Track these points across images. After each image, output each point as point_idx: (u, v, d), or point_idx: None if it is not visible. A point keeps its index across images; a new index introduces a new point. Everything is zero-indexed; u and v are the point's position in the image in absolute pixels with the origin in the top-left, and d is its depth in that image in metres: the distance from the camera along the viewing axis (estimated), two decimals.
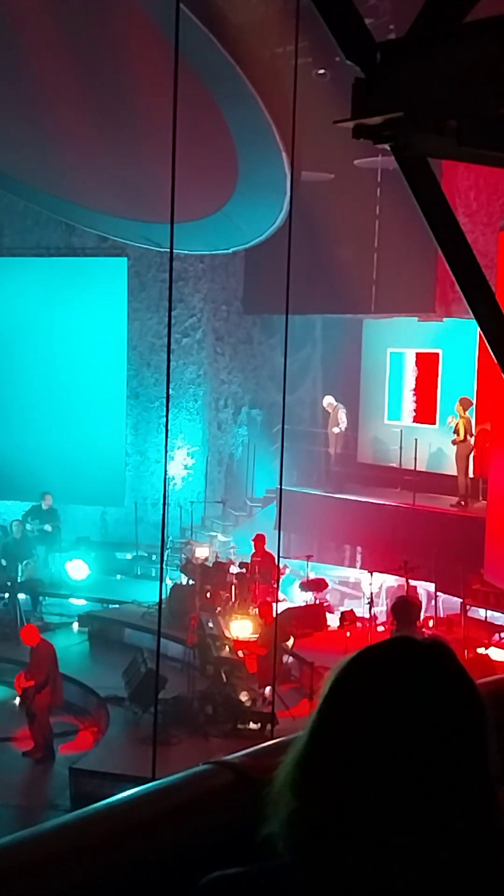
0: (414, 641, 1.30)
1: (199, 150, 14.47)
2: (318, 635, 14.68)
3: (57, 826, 1.52)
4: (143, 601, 16.10)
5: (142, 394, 20.35)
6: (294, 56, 11.54)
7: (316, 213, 15.96)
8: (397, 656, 1.28)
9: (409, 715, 1.23)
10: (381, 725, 1.23)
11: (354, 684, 1.27)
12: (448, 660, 1.28)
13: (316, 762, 1.27)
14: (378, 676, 1.26)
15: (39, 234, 20.60)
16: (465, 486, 16.38)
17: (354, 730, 1.24)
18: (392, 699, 1.24)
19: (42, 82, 15.19)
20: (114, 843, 1.51)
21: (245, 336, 20.81)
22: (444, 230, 2.87)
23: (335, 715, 1.27)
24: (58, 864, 1.45)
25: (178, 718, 12.01)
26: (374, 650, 1.30)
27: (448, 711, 1.24)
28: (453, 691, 1.26)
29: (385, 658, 1.29)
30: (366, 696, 1.25)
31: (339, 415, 17.98)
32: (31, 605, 16.72)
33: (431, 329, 17.95)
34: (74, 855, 1.47)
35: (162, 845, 1.52)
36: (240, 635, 13.92)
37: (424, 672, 1.26)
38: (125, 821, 1.56)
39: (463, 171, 15.60)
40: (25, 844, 1.46)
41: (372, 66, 2.73)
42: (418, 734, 1.22)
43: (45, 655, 12.61)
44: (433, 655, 1.28)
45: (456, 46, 2.66)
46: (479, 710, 1.27)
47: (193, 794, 1.65)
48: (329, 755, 1.25)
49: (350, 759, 1.23)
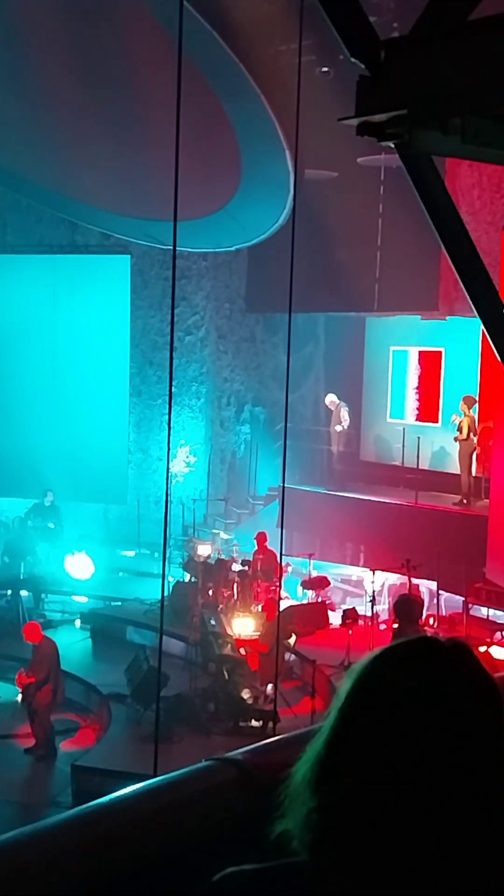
0: (436, 641, 1.30)
1: (202, 148, 14.48)
2: (320, 633, 14.68)
3: (59, 823, 1.52)
4: (145, 598, 16.10)
5: (144, 391, 20.35)
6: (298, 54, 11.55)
7: (319, 211, 15.95)
8: (420, 656, 1.28)
9: (431, 715, 1.22)
10: (403, 725, 1.22)
11: (376, 684, 1.27)
12: (470, 660, 1.28)
13: (335, 761, 1.26)
14: (400, 676, 1.26)
15: (43, 231, 20.60)
16: (468, 484, 16.37)
17: (375, 729, 1.23)
18: (414, 699, 1.23)
19: (46, 80, 15.19)
20: (116, 839, 1.51)
21: (248, 334, 20.81)
22: (447, 228, 2.87)
23: (356, 714, 1.26)
24: (60, 861, 1.45)
25: (180, 716, 12.02)
26: (396, 649, 1.30)
27: (470, 712, 1.24)
28: (475, 692, 1.26)
29: (407, 658, 1.28)
30: (388, 695, 1.25)
31: (342, 413, 17.97)
32: (33, 602, 16.73)
33: (434, 327, 17.94)
34: (76, 851, 1.47)
35: (164, 841, 1.52)
36: (242, 633, 13.92)
37: (446, 672, 1.25)
38: (128, 817, 1.56)
39: (466, 170, 15.59)
40: (27, 841, 1.46)
41: (376, 64, 2.73)
42: (440, 735, 1.22)
43: (47, 653, 12.61)
44: (455, 656, 1.28)
45: (460, 45, 2.66)
46: (500, 709, 1.27)
47: (196, 790, 1.65)
48: (349, 754, 1.25)
49: (370, 759, 1.22)
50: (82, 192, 18.03)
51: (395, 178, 15.24)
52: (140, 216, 17.69)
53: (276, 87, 14.14)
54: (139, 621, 15.46)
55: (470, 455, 16.33)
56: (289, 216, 15.69)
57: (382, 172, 16.05)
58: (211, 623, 13.85)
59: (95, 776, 11.01)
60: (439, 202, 2.85)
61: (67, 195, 18.52)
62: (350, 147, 12.36)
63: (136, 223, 18.24)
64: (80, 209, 19.04)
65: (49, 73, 15.04)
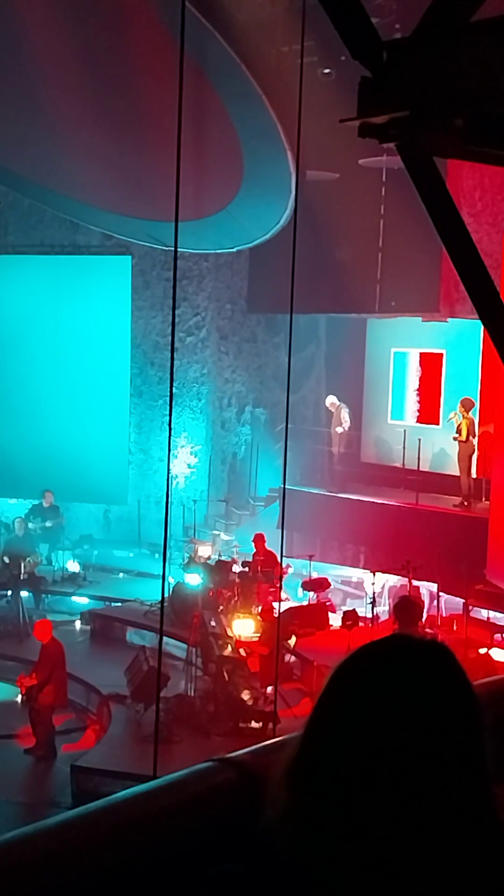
0: (412, 640, 1.29)
1: (204, 149, 14.50)
2: (320, 634, 14.67)
3: (58, 823, 1.52)
4: (145, 599, 16.10)
5: (145, 392, 20.36)
6: (300, 55, 11.55)
7: (321, 213, 15.95)
8: (395, 655, 1.27)
9: (405, 714, 1.22)
10: (376, 724, 1.22)
11: (350, 682, 1.27)
12: (446, 659, 1.27)
13: (310, 761, 1.26)
14: (374, 675, 1.25)
15: (44, 231, 20.61)
16: (468, 486, 16.37)
17: (349, 728, 1.23)
18: (388, 698, 1.23)
19: (48, 80, 15.20)
20: (116, 840, 1.51)
21: (249, 335, 20.81)
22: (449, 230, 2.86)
23: (330, 713, 1.26)
24: (59, 862, 1.45)
25: (180, 717, 12.02)
26: (371, 648, 1.29)
27: (444, 711, 1.23)
28: (450, 691, 1.25)
29: (382, 656, 1.28)
30: (361, 694, 1.24)
31: (343, 414, 17.97)
32: (33, 602, 16.74)
33: (435, 329, 17.94)
34: (76, 852, 1.47)
35: (164, 842, 1.52)
36: (242, 634, 13.92)
37: (421, 671, 1.25)
38: (127, 818, 1.56)
39: (468, 171, 15.58)
40: (27, 841, 1.46)
41: (378, 65, 2.73)
42: (413, 733, 1.21)
43: (53, 654, 12.61)
44: (431, 654, 1.27)
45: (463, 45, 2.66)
46: (475, 709, 1.26)
47: (196, 791, 1.65)
48: (323, 754, 1.24)
49: (344, 758, 1.22)
50: (84, 192, 18.03)
51: (396, 180, 15.26)
52: (141, 217, 17.70)
53: (279, 88, 14.15)
54: (139, 622, 15.47)
55: (469, 457, 16.34)
56: (290, 217, 15.69)
57: (384, 174, 16.05)
58: (211, 624, 13.85)
59: (95, 777, 11.00)
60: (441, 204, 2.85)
61: (69, 195, 18.52)
62: (352, 148, 12.33)
63: (137, 224, 18.25)
64: (81, 209, 19.05)
65: (51, 73, 15.05)
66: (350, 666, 1.28)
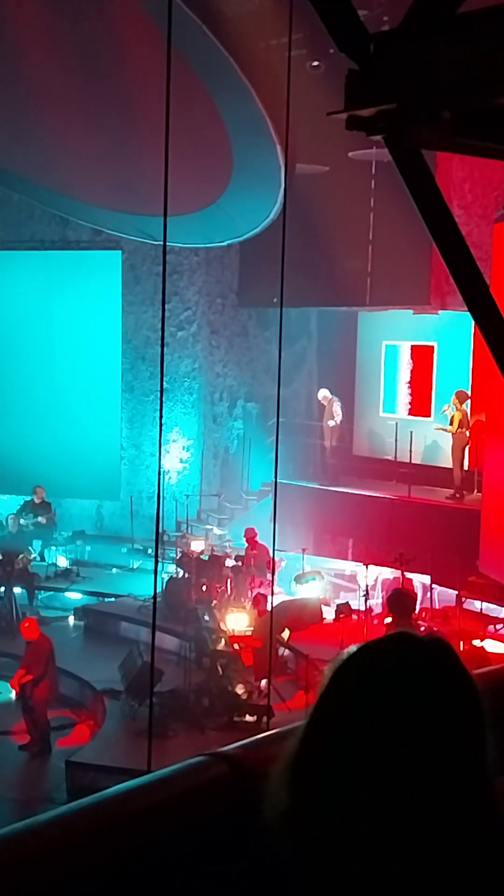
0: (413, 637, 1.29)
1: (193, 143, 14.46)
2: (313, 628, 14.68)
3: (52, 818, 1.52)
4: (138, 594, 16.10)
5: (137, 387, 20.33)
6: (288, 48, 11.54)
7: (310, 206, 15.95)
8: (396, 652, 1.27)
9: (408, 711, 1.21)
10: (379, 722, 1.21)
11: (352, 680, 1.26)
12: (448, 656, 1.27)
13: (310, 759, 1.25)
14: (376, 672, 1.24)
15: (34, 227, 20.56)
16: (460, 478, 16.40)
17: (351, 726, 1.22)
18: (389, 696, 1.22)
19: (36, 75, 15.15)
20: (110, 834, 1.51)
21: (240, 329, 20.79)
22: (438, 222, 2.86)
23: (331, 711, 1.25)
24: (53, 856, 1.45)
25: (175, 711, 12.01)
26: (372, 645, 1.29)
27: (446, 708, 1.23)
28: (452, 688, 1.24)
29: (384, 654, 1.27)
30: (363, 692, 1.23)
31: (335, 408, 17.98)
32: (27, 598, 16.73)
33: (427, 322, 17.95)
34: (70, 847, 1.47)
35: (158, 837, 1.52)
36: (235, 628, 13.93)
37: (423, 668, 1.24)
38: (121, 812, 1.56)
39: (457, 163, 15.58)
40: (21, 836, 1.46)
41: (365, 58, 2.72)
42: (415, 731, 1.21)
43: (44, 650, 12.61)
44: (433, 651, 1.27)
45: (450, 37, 2.65)
46: (477, 706, 1.26)
47: (189, 785, 1.65)
48: (325, 752, 1.24)
49: (346, 756, 1.21)
50: (73, 187, 17.99)
51: (386, 173, 15.24)
52: (131, 211, 17.66)
53: (267, 82, 14.13)
54: (133, 617, 15.46)
55: (462, 449, 16.36)
56: (280, 211, 15.68)
57: (374, 167, 16.04)
58: (205, 618, 13.85)
59: (90, 772, 11.01)
60: (430, 196, 2.85)
61: (58, 191, 18.48)
62: (341, 141, 12.36)
63: (127, 218, 18.21)
64: (70, 205, 19.01)
65: (39, 67, 15.00)
66: (352, 664, 1.27)
